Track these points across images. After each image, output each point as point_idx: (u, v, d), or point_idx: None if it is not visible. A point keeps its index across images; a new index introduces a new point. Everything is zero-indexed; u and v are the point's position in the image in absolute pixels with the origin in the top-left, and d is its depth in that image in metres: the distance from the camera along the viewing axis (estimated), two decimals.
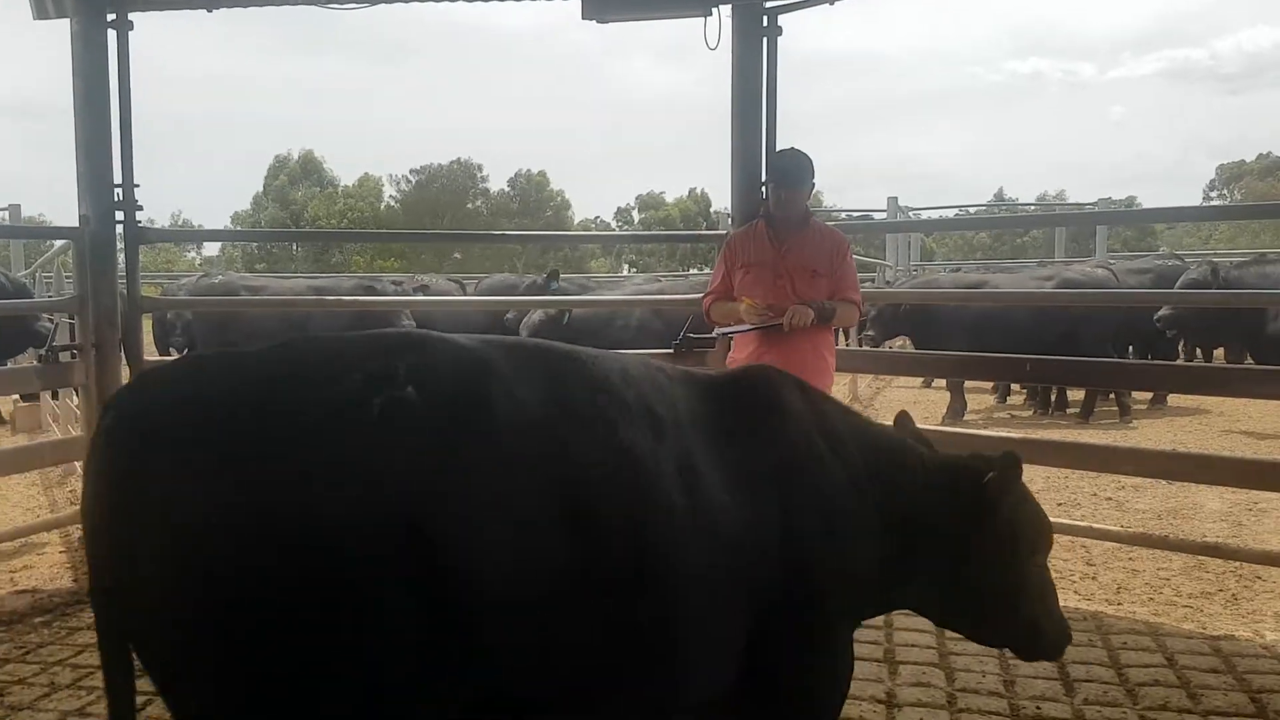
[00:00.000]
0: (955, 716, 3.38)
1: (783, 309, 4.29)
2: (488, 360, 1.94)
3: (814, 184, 4.57)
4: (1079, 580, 4.98)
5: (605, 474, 1.92)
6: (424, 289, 12.87)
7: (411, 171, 59.16)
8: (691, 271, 27.61)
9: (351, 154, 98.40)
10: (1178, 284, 9.57)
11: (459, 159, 59.45)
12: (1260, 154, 70.52)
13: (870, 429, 2.63)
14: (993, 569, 2.53)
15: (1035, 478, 7.23)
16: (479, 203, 59.10)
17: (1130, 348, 11.31)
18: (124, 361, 5.25)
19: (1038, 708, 3.42)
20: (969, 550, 2.50)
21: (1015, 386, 11.79)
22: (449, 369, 1.88)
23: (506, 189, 60.60)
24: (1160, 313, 9.50)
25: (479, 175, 60.17)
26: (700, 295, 5.04)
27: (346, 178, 56.39)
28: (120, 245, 5.30)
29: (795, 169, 4.42)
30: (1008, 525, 2.53)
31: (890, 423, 2.85)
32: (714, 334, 4.88)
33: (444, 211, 52.74)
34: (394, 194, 57.97)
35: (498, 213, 57.41)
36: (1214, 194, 68.30)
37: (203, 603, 1.66)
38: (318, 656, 1.69)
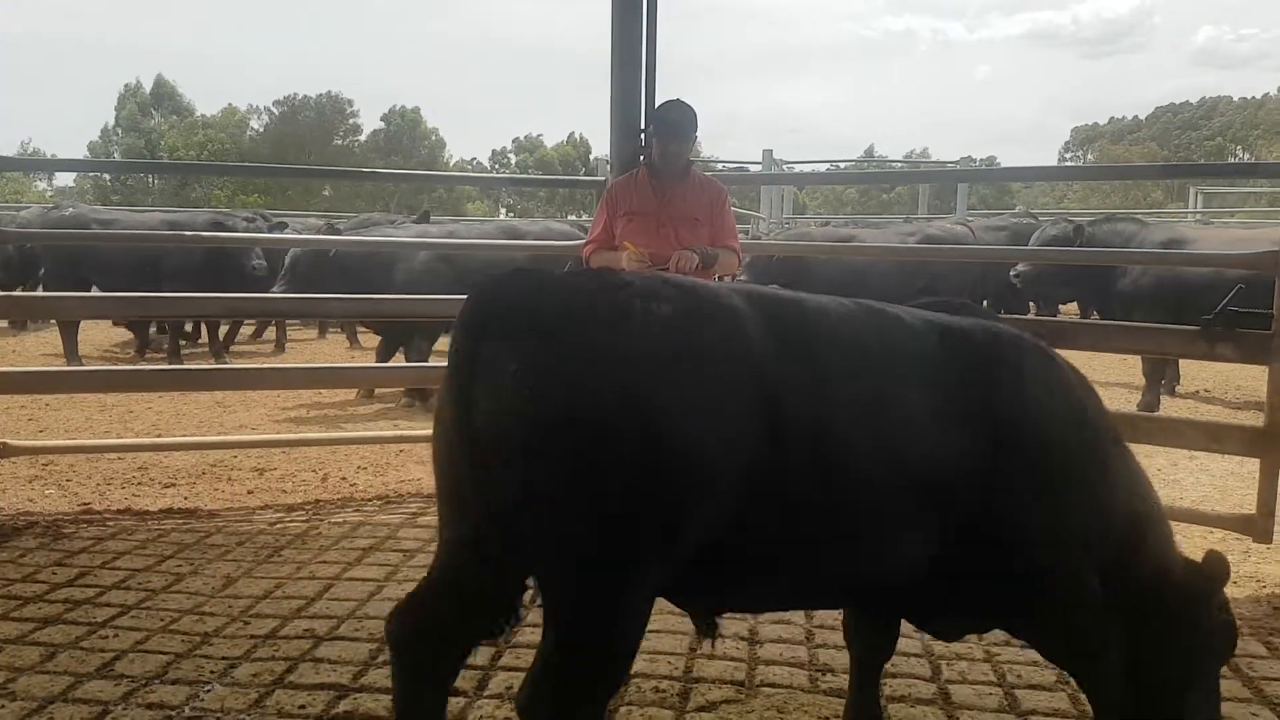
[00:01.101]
0: (813, 651, 3.53)
1: (666, 257, 4.34)
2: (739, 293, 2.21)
3: (696, 136, 4.61)
4: None
5: (812, 391, 2.11)
6: (281, 226, 12.49)
7: (276, 103, 56.79)
8: (571, 218, 27.41)
9: (211, 83, 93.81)
10: (1037, 240, 9.97)
11: (328, 92, 57.39)
12: (1113, 118, 73.90)
13: (1129, 460, 2.59)
14: (1173, 663, 2.50)
15: None
16: (349, 139, 57.23)
17: (985, 302, 11.80)
18: None
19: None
20: (1159, 637, 2.48)
21: None
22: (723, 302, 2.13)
23: (379, 125, 58.83)
24: (1018, 268, 9.90)
25: (349, 110, 58.23)
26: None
27: (206, 107, 53.79)
28: None
29: (682, 123, 4.45)
30: (1205, 632, 2.52)
31: None
32: None
33: (311, 147, 50.90)
34: (256, 126, 55.63)
35: (369, 150, 55.76)
36: (1069, 155, 71.28)
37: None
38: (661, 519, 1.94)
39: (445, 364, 2.09)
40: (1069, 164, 60.86)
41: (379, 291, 7.43)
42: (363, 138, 58.20)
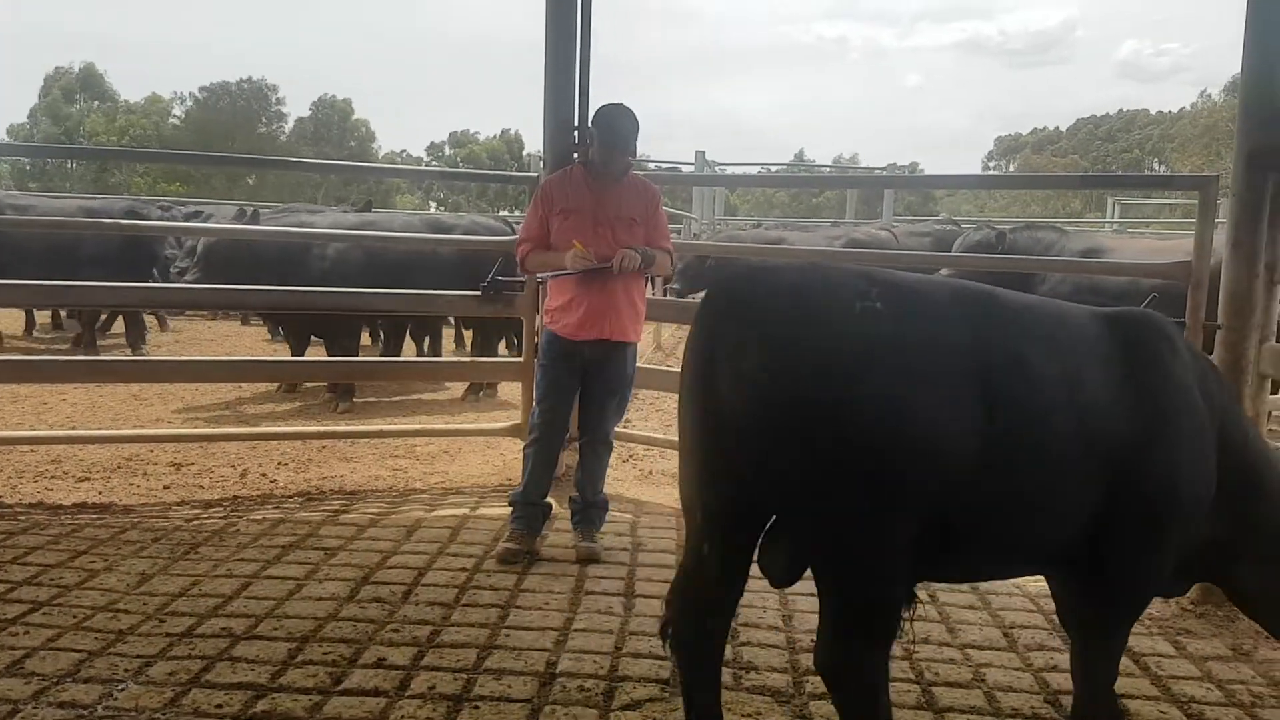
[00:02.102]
0: (737, 649, 3.56)
1: (606, 256, 4.33)
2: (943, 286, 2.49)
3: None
4: None
5: (1013, 372, 2.34)
6: (197, 215, 12.22)
7: (201, 89, 55.52)
8: (503, 213, 27.22)
9: (137, 69, 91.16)
10: (960, 246, 10.17)
11: (251, 78, 56.26)
12: (1035, 128, 75.76)
13: (1251, 429, 2.91)
14: None
15: None
16: (275, 126, 56.14)
17: None
18: None
19: (813, 640, 3.64)
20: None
21: None
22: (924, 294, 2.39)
23: (307, 114, 57.81)
24: (940, 273, 10.05)
25: (275, 98, 57.13)
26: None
27: (130, 94, 52.32)
28: None
29: (629, 134, 4.45)
30: None
31: None
32: (538, 277, 4.86)
33: (236, 134, 49.82)
34: (179, 113, 54.30)
35: (296, 139, 54.77)
36: (992, 164, 72.89)
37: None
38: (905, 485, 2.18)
39: (366, 359, 2.10)
40: (992, 172, 62.23)
41: (297, 283, 7.25)
42: (289, 126, 57.15)
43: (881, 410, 2.15)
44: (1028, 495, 2.38)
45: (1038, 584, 4.23)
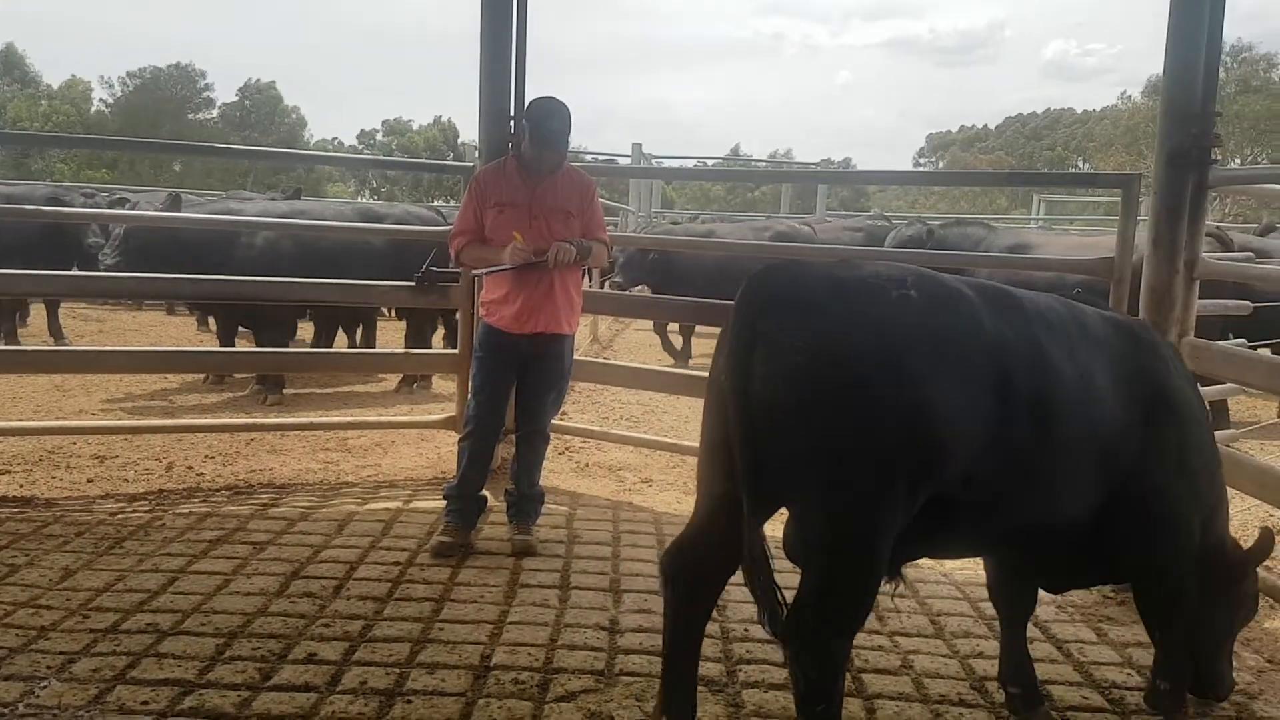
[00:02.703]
0: None
1: (542, 249, 4.31)
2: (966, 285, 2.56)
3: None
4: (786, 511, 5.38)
5: (1036, 362, 2.50)
6: (123, 203, 11.90)
7: (128, 75, 54.13)
8: (438, 202, 26.94)
9: (58, 52, 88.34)
10: (892, 241, 10.33)
11: (179, 63, 54.99)
12: (963, 126, 77.12)
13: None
14: (1216, 615, 3.10)
15: None
16: (202, 114, 54.94)
17: None
18: None
19: (746, 629, 3.69)
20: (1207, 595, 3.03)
21: None
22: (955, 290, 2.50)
23: (235, 100, 56.64)
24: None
25: (202, 83, 55.90)
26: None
27: (51, 77, 50.76)
28: None
29: (562, 132, 4.40)
30: (1242, 597, 3.17)
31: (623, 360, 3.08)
32: (474, 273, 4.81)
33: (165, 121, 48.59)
34: (105, 98, 52.83)
35: (224, 125, 53.64)
36: (923, 160, 74.06)
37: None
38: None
39: (297, 350, 2.06)
40: (923, 169, 63.19)
41: (222, 273, 7.07)
42: (215, 112, 55.91)
43: (915, 392, 2.28)
44: (1044, 479, 2.55)
45: (964, 572, 4.33)
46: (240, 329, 8.93)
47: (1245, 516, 5.17)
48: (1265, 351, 5.59)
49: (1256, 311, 4.90)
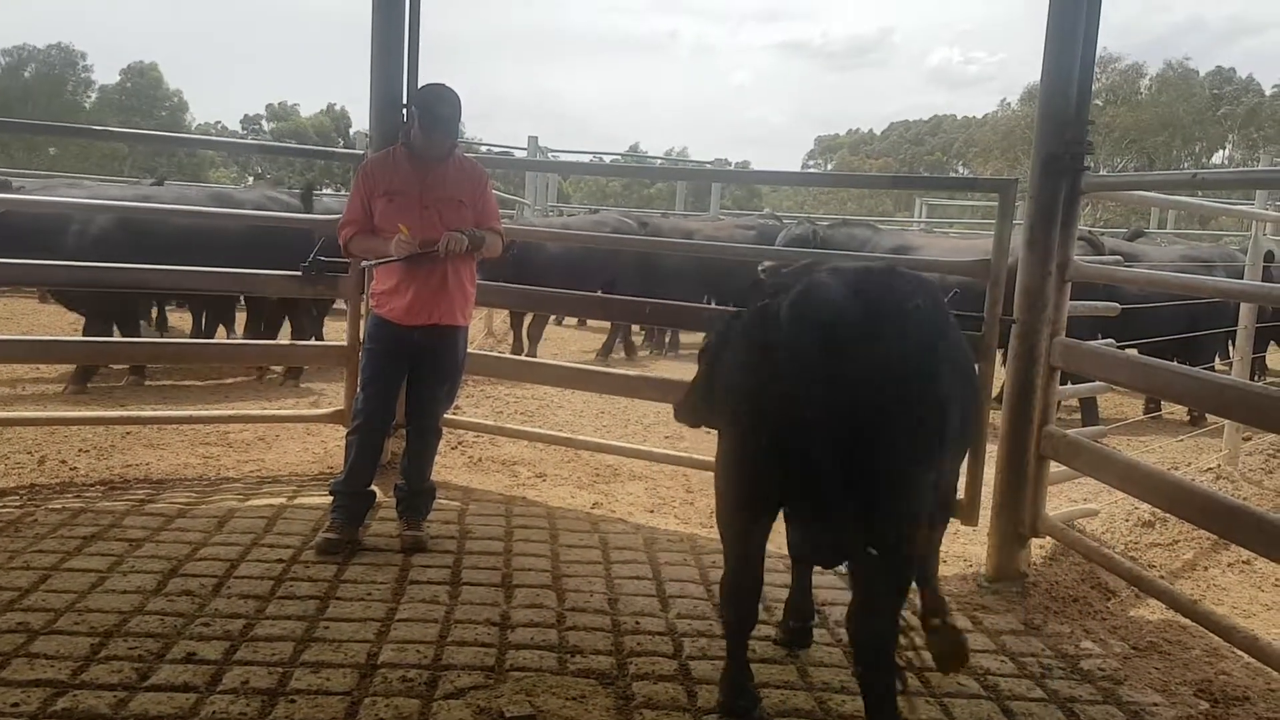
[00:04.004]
0: (563, 634, 3.60)
1: (432, 239, 4.24)
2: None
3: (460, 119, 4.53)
4: (678, 506, 5.45)
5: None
6: (5, 185, 11.27)
7: (2, 52, 51.56)
8: (327, 191, 26.28)
9: None
10: (781, 240, 10.53)
11: (58, 43, 52.59)
12: (850, 129, 78.88)
13: None
14: None
15: (647, 413, 7.76)
16: (80, 95, 52.59)
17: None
18: None
19: (637, 622, 3.72)
20: None
21: (635, 327, 12.43)
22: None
23: (116, 81, 54.38)
24: (764, 264, 10.38)
25: (81, 64, 53.52)
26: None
27: None
28: None
29: (451, 117, 4.33)
30: None
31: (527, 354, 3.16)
32: (362, 264, 4.71)
33: (39, 101, 46.34)
34: None
35: (103, 107, 51.43)
36: (812, 162, 75.47)
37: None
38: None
39: (177, 340, 1.99)
40: (812, 170, 64.43)
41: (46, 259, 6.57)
42: (94, 95, 53.56)
43: (945, 392, 2.60)
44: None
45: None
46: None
47: (1113, 510, 5.43)
48: (1132, 351, 5.86)
49: (1124, 313, 5.13)
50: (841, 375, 2.48)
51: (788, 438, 2.58)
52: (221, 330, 10.00)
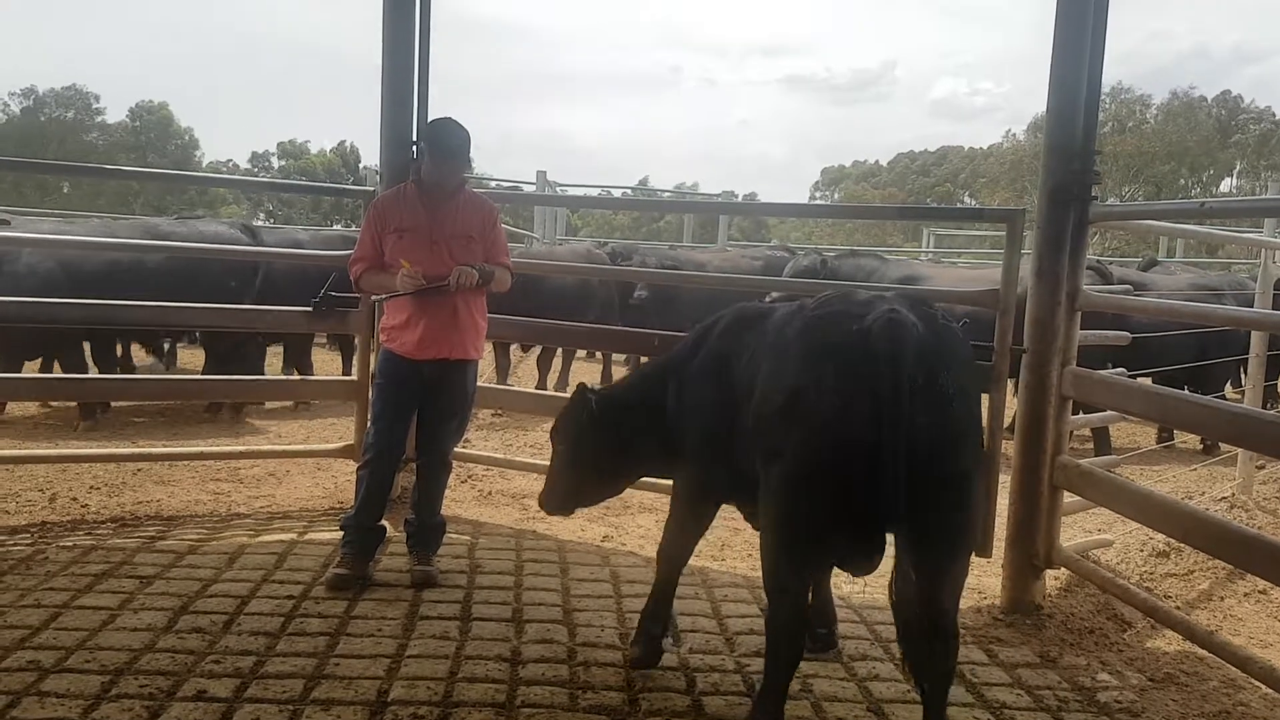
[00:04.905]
0: (574, 669, 3.57)
1: (441, 274, 4.27)
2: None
3: (471, 156, 4.57)
4: None
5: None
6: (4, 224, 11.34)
7: (12, 95, 52.35)
8: (337, 227, 26.42)
9: None
10: (789, 270, 10.53)
11: (74, 85, 53.40)
12: (857, 161, 79.22)
13: None
14: None
15: None
16: (93, 135, 53.27)
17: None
18: None
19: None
20: None
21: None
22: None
23: (126, 121, 55.03)
24: (771, 295, 10.38)
25: (95, 105, 54.26)
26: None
27: None
28: None
29: (460, 150, 4.38)
30: None
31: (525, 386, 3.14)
32: (374, 299, 4.73)
33: (60, 141, 47.02)
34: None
35: (112, 147, 52.01)
36: (819, 194, 75.75)
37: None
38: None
39: (187, 377, 1.99)
40: (818, 202, 64.60)
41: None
42: (95, 134, 54.16)
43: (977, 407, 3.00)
44: None
45: (861, 596, 4.41)
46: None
47: (1128, 540, 5.39)
48: (1145, 381, 5.85)
49: (1135, 342, 5.12)
50: (936, 390, 2.69)
51: (867, 460, 2.66)
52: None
